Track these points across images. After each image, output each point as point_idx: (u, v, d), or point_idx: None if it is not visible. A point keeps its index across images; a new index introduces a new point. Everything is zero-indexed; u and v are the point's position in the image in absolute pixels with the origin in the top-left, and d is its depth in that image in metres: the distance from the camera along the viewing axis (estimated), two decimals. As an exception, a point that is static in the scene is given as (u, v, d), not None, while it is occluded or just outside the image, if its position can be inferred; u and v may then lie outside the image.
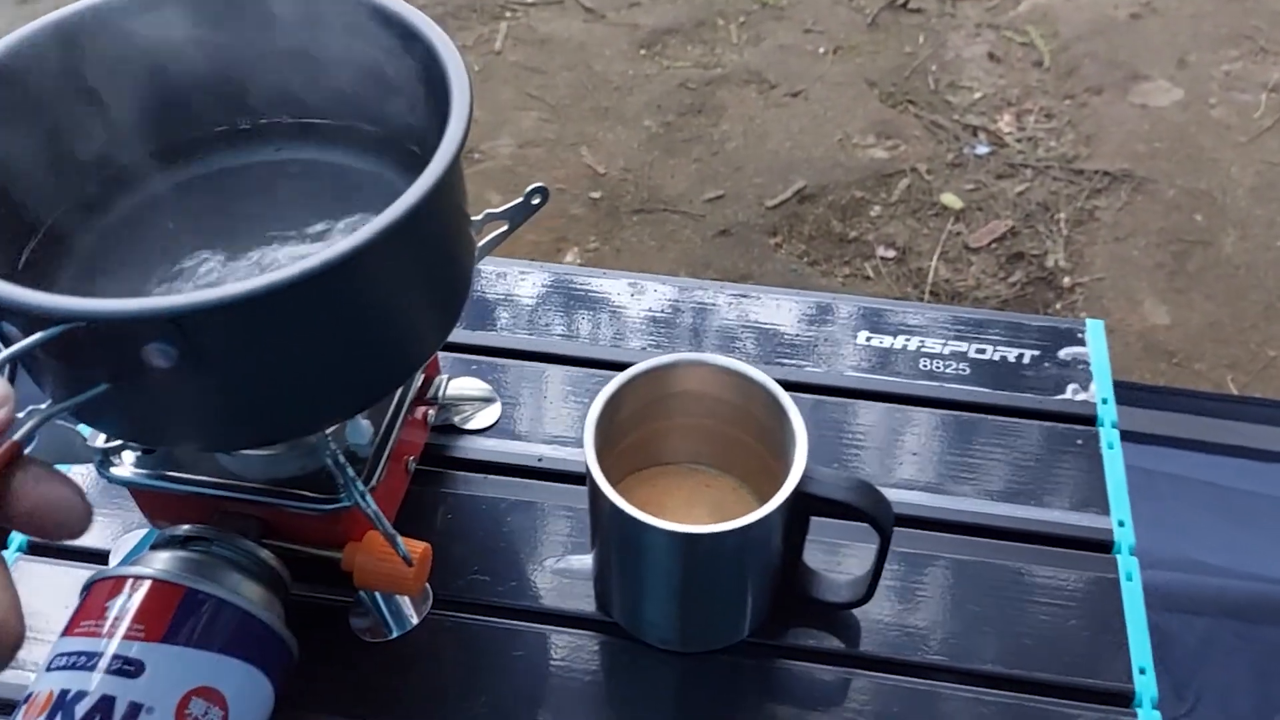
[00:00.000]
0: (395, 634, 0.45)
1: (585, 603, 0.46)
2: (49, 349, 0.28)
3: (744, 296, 0.59)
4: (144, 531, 0.48)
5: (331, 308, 0.32)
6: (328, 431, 0.42)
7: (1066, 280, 1.21)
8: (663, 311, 0.58)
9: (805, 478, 0.39)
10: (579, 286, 0.59)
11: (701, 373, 0.43)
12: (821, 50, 1.56)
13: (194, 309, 0.29)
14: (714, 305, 0.58)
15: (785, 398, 0.41)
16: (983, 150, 1.39)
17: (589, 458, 0.40)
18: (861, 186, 1.32)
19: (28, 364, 0.30)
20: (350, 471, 0.40)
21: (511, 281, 0.60)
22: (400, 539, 0.39)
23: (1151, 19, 1.63)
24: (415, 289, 0.35)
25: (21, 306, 0.29)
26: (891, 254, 1.23)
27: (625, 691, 0.44)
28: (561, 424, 0.53)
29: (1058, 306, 1.19)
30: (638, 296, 0.59)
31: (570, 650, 0.45)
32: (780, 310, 0.58)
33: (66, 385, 0.30)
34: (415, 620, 0.46)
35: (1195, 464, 0.83)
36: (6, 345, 0.29)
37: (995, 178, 1.35)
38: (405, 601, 0.46)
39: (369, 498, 0.39)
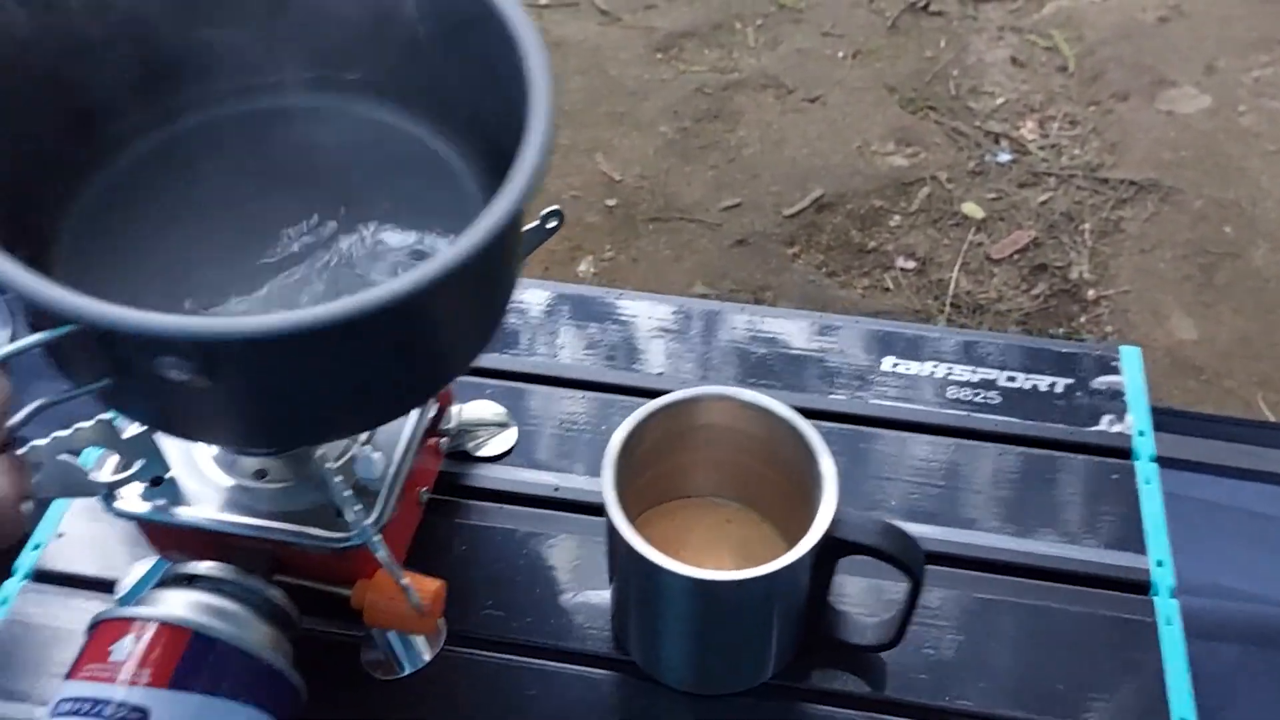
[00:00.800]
0: (407, 671, 0.44)
1: (602, 640, 0.45)
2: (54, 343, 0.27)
3: (766, 318, 0.57)
4: (153, 560, 0.47)
5: (369, 342, 0.31)
6: (335, 465, 0.41)
7: (1091, 293, 1.19)
8: (683, 334, 0.57)
9: (835, 521, 0.38)
10: (597, 307, 0.58)
11: (726, 407, 0.41)
12: (840, 54, 1.54)
13: (219, 337, 0.27)
14: (735, 328, 0.57)
15: (814, 436, 0.39)
16: (1005, 158, 1.37)
17: (607, 497, 0.39)
18: (881, 195, 1.30)
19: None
20: (359, 511, 0.38)
21: (528, 302, 0.58)
22: (412, 586, 0.38)
23: (1179, 22, 1.60)
24: (462, 319, 0.34)
25: (30, 299, 0.27)
26: (911, 265, 1.21)
27: (643, 734, 0.43)
28: (578, 451, 0.51)
29: (1081, 320, 1.17)
30: (657, 319, 0.57)
31: (586, 689, 0.44)
32: (803, 333, 0.56)
33: (70, 376, 0.29)
34: (428, 657, 0.44)
35: (1225, 489, 0.81)
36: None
37: (1018, 186, 1.33)
38: (418, 638, 0.45)
39: (379, 541, 0.38)
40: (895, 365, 0.55)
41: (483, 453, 0.51)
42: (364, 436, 0.43)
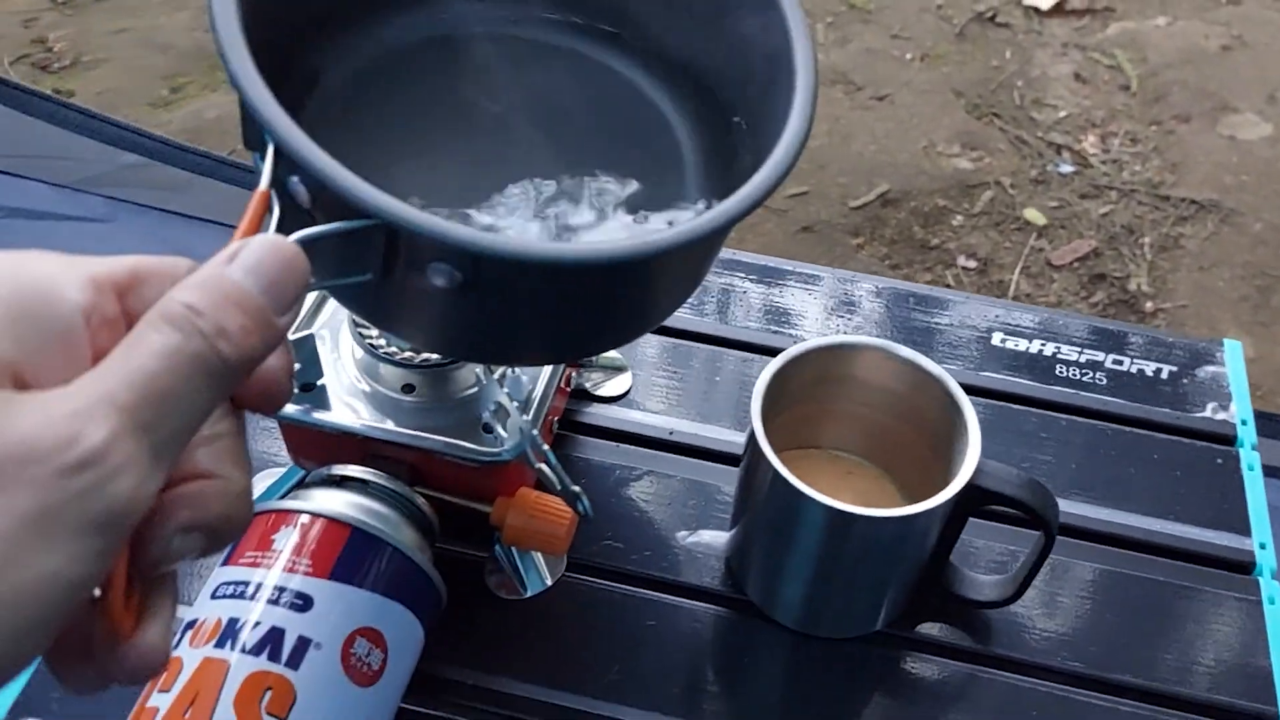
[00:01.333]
0: (530, 593, 0.45)
1: (717, 578, 0.46)
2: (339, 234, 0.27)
3: (888, 289, 0.58)
4: (281, 470, 0.48)
5: (625, 282, 0.32)
6: (494, 378, 0.42)
7: (1149, 305, 1.20)
8: (799, 299, 0.58)
9: (979, 471, 0.39)
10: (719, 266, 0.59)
11: (875, 359, 0.42)
12: (908, 56, 1.55)
13: (500, 254, 0.28)
14: (851, 295, 0.58)
15: (960, 392, 0.40)
16: (1066, 169, 1.38)
17: (755, 424, 0.40)
18: (945, 195, 1.31)
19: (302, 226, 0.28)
20: (524, 419, 0.39)
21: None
22: (580, 491, 0.39)
23: (1242, 51, 1.61)
24: (693, 271, 0.36)
25: (337, 191, 0.27)
26: (973, 264, 1.22)
27: (754, 670, 0.44)
28: (690, 400, 0.52)
29: (1138, 331, 1.17)
30: (776, 284, 0.58)
31: (703, 624, 0.45)
32: (912, 305, 0.57)
33: (336, 265, 0.29)
34: (549, 581, 0.46)
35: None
36: (288, 198, 0.28)
37: (1079, 197, 1.33)
38: (540, 561, 0.46)
39: (546, 448, 0.39)
40: (1004, 341, 0.56)
41: (600, 392, 0.52)
42: (513, 358, 0.44)
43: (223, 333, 0.21)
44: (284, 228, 0.25)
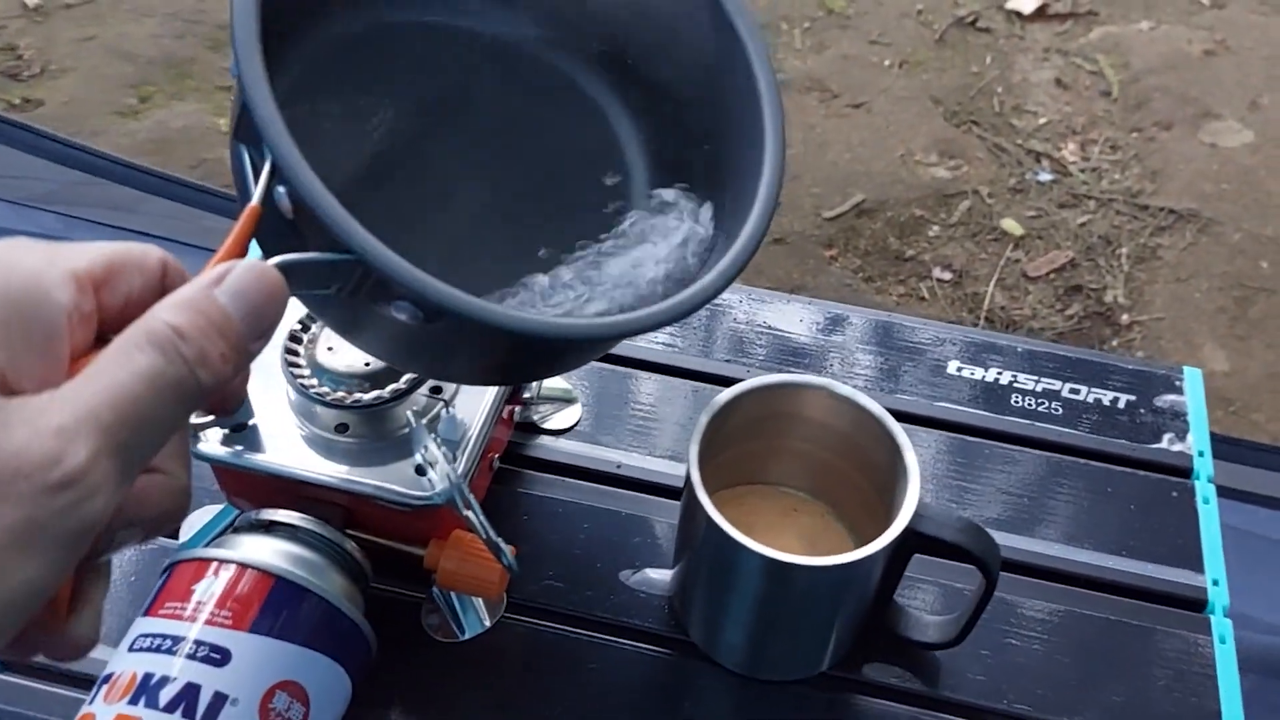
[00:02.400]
0: (466, 635, 0.44)
1: (660, 619, 0.45)
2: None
3: (837, 318, 0.57)
4: (215, 509, 0.47)
5: (570, 351, 0.34)
6: (423, 422, 0.41)
7: (1125, 318, 1.19)
8: (750, 326, 0.57)
9: (917, 515, 0.38)
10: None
11: (816, 397, 0.42)
12: (887, 63, 1.54)
13: (466, 313, 0.28)
14: (801, 320, 0.57)
15: (900, 432, 0.40)
16: (1045, 177, 1.37)
17: (692, 469, 0.39)
18: (921, 205, 1.30)
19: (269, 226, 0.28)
20: (451, 466, 0.39)
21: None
22: (504, 546, 0.38)
23: (1225, 58, 1.60)
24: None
25: (330, 230, 0.27)
26: (948, 276, 1.21)
27: (698, 713, 0.43)
28: (639, 432, 0.52)
29: (1114, 343, 1.17)
30: (727, 309, 0.58)
31: (643, 665, 0.44)
32: (871, 333, 0.57)
33: (305, 280, 0.29)
34: (488, 623, 0.45)
35: (1254, 519, 0.82)
36: (253, 172, 0.28)
37: (1057, 206, 1.33)
38: (479, 603, 0.45)
39: (470, 496, 0.38)
40: (960, 370, 0.55)
41: (549, 425, 0.51)
42: (448, 397, 0.43)
43: (203, 359, 0.22)
44: (261, 225, 0.26)
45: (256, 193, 0.27)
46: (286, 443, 0.43)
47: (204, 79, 1.48)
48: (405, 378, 0.43)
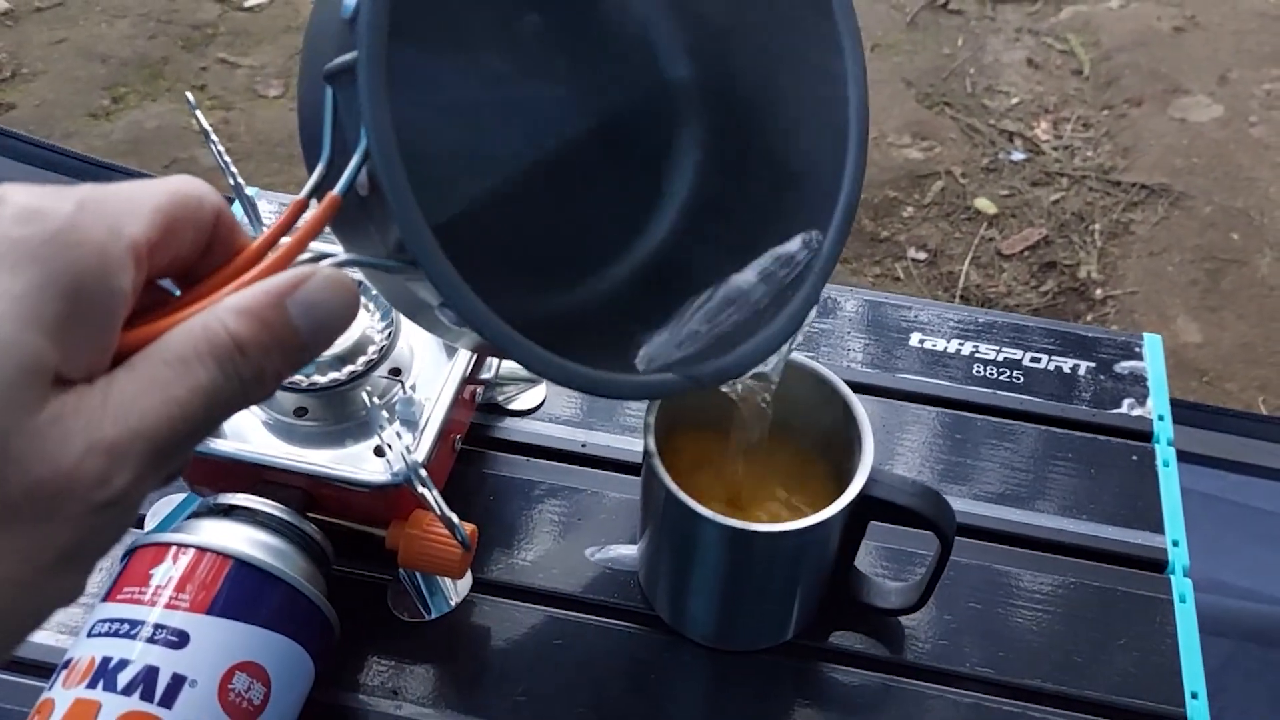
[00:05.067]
0: (433, 615, 0.44)
1: (627, 594, 0.46)
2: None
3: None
4: (180, 497, 0.47)
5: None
6: (379, 403, 0.41)
7: (1099, 292, 1.20)
8: (712, 302, 0.57)
9: (871, 480, 0.38)
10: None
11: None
12: (859, 46, 1.54)
13: (512, 350, 0.27)
14: (764, 298, 0.57)
15: (854, 400, 0.40)
16: (1018, 156, 1.38)
17: (649, 443, 0.39)
18: (895, 186, 1.31)
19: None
20: (406, 449, 0.39)
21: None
22: (459, 522, 0.39)
23: (1194, 33, 1.61)
24: None
25: (417, 254, 0.25)
26: (923, 256, 1.22)
27: (665, 687, 0.43)
28: (603, 411, 0.52)
29: (1089, 318, 1.18)
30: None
31: (611, 641, 0.44)
32: (835, 307, 0.57)
33: (358, 247, 0.28)
34: (454, 603, 0.45)
35: (1225, 484, 0.82)
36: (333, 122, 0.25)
37: (1030, 185, 1.33)
38: (445, 583, 0.45)
39: (426, 477, 0.38)
40: (922, 341, 0.55)
41: (514, 406, 0.52)
42: (407, 379, 0.43)
43: (259, 378, 0.22)
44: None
45: (341, 182, 0.24)
46: (246, 428, 0.43)
47: (177, 79, 1.47)
48: (362, 360, 0.43)
